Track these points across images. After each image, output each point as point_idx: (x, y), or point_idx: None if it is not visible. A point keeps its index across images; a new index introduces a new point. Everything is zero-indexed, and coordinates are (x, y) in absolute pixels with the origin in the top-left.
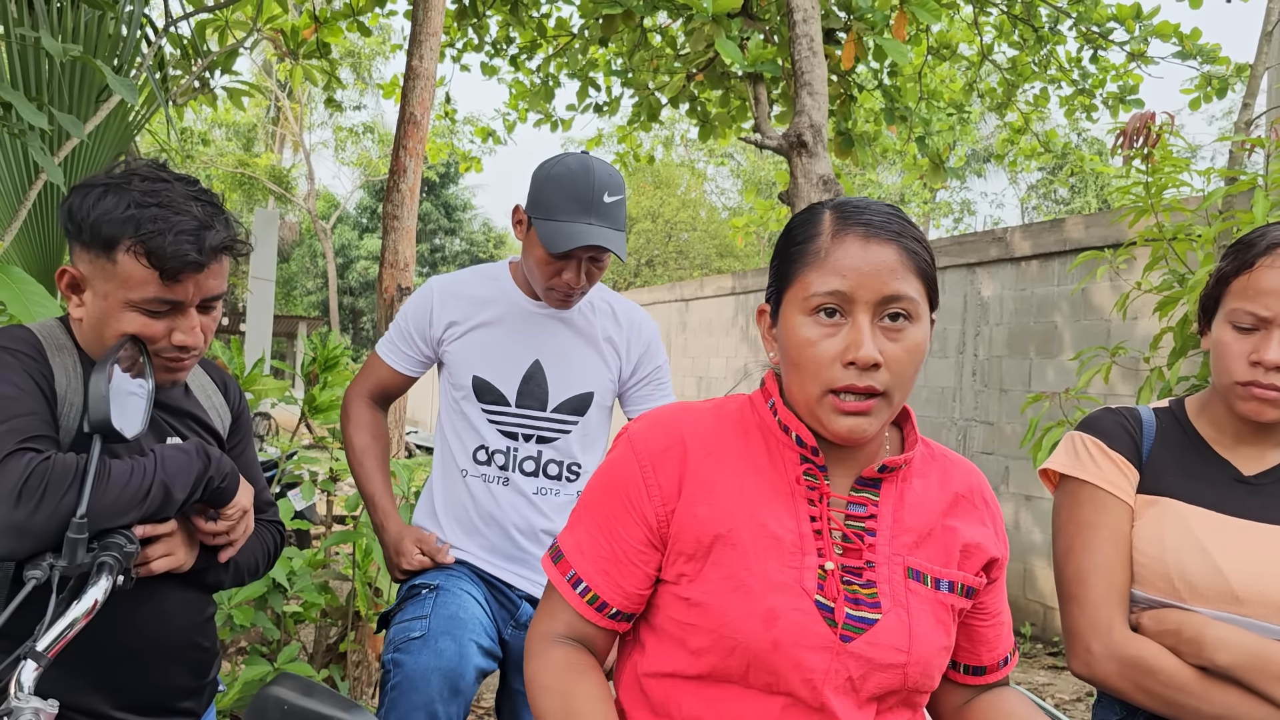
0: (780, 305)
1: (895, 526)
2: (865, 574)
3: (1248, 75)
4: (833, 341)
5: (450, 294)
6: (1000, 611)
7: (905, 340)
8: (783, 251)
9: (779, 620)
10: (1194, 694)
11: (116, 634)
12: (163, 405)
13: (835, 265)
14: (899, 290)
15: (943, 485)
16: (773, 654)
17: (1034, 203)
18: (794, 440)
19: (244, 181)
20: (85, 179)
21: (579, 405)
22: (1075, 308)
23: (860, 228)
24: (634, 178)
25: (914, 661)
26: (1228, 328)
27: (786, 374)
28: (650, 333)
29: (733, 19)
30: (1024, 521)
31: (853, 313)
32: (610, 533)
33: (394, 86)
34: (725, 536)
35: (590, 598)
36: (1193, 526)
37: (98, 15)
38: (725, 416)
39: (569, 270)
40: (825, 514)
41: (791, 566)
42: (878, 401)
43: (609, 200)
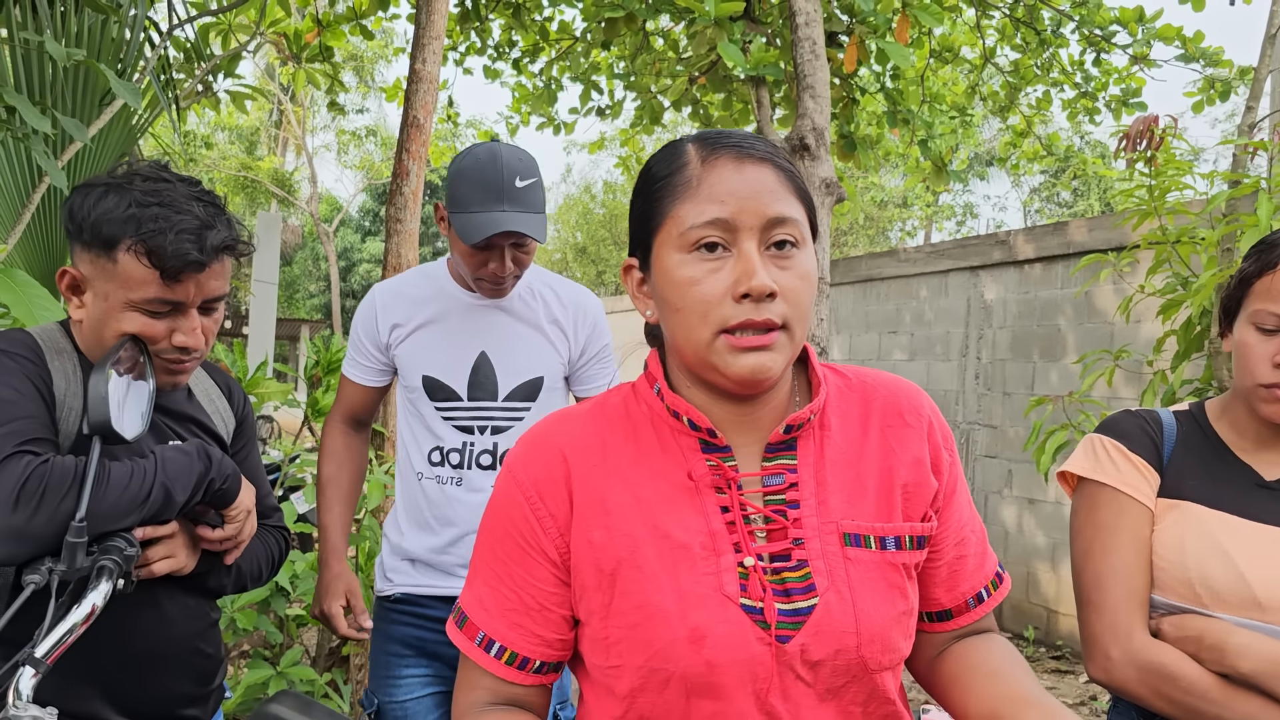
0: (651, 252)
1: (820, 489)
2: (795, 554)
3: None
4: (719, 277)
5: (391, 296)
6: (956, 542)
7: (797, 267)
8: (645, 192)
9: (707, 637)
10: (1215, 702)
11: (119, 640)
12: (165, 409)
13: (711, 192)
14: (783, 212)
15: (865, 417)
16: (711, 676)
17: (1036, 206)
18: (687, 425)
19: (247, 185)
20: (88, 179)
21: (530, 391)
22: (1079, 311)
23: (731, 150)
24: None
25: (866, 640)
26: (1250, 329)
27: (669, 326)
28: (595, 311)
29: (735, 22)
30: (1027, 525)
31: (737, 243)
32: (513, 580)
33: (397, 90)
34: (628, 559)
35: (508, 657)
36: (1214, 531)
37: (101, 19)
38: (608, 417)
39: (493, 260)
40: (736, 500)
41: (707, 573)
42: (778, 335)
43: (521, 185)
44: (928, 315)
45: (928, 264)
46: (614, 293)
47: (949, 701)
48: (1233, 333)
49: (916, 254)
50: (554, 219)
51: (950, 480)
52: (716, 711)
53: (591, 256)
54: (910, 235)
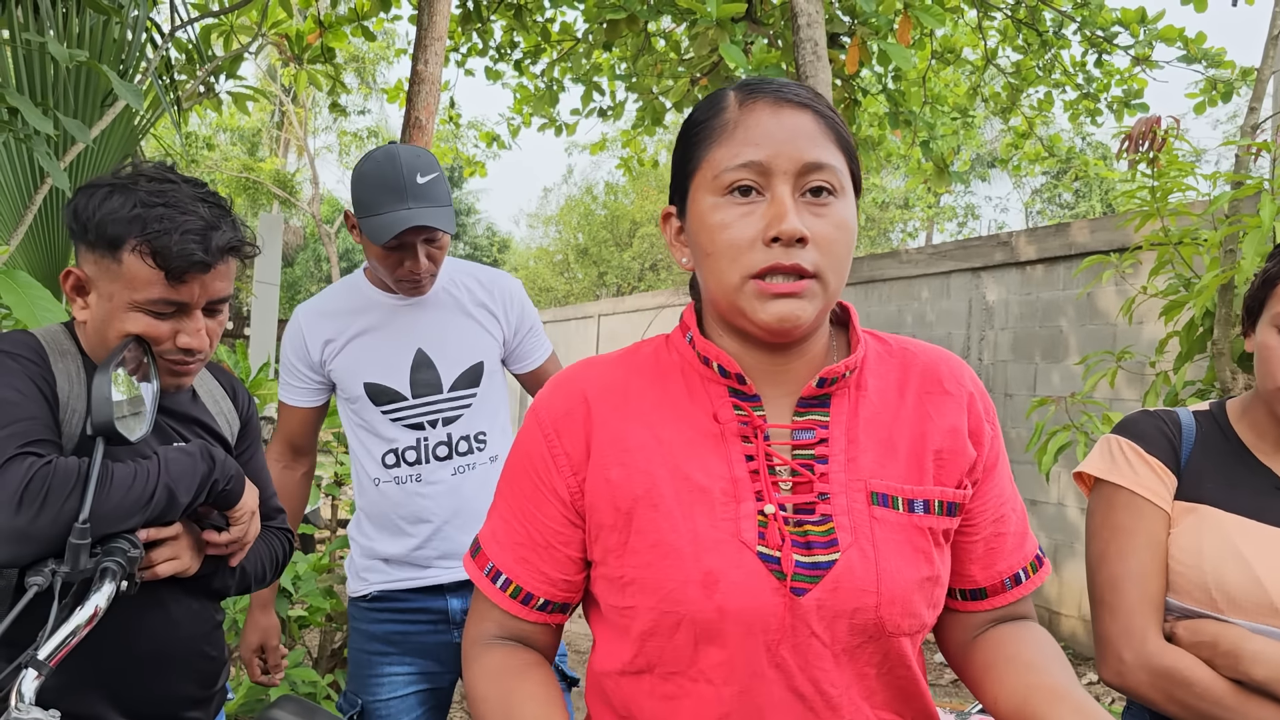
0: (687, 198)
1: (851, 447)
2: (819, 508)
3: (1253, 79)
4: (750, 220)
5: (316, 315)
6: (996, 519)
7: (832, 215)
8: (685, 138)
9: (720, 582)
10: (1228, 708)
11: (123, 642)
12: (169, 411)
13: (746, 135)
14: (820, 158)
15: (903, 385)
16: (720, 623)
17: (1038, 207)
18: (716, 371)
19: (248, 186)
20: (91, 180)
21: (473, 378)
22: (1081, 312)
23: (769, 95)
24: (638, 182)
25: (885, 601)
26: (1273, 332)
27: (702, 272)
28: (517, 289)
29: (737, 23)
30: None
31: (770, 187)
32: (524, 515)
33: (398, 91)
34: (645, 498)
35: (513, 590)
36: (1232, 535)
37: (103, 20)
38: (636, 363)
39: (408, 258)
40: (762, 449)
41: (725, 519)
42: (810, 284)
43: (423, 180)
44: (929, 316)
45: (929, 265)
46: (615, 293)
47: (980, 689)
48: (1255, 333)
49: (918, 255)
50: (555, 220)
51: (992, 453)
52: (724, 660)
53: (593, 257)
54: (912, 236)
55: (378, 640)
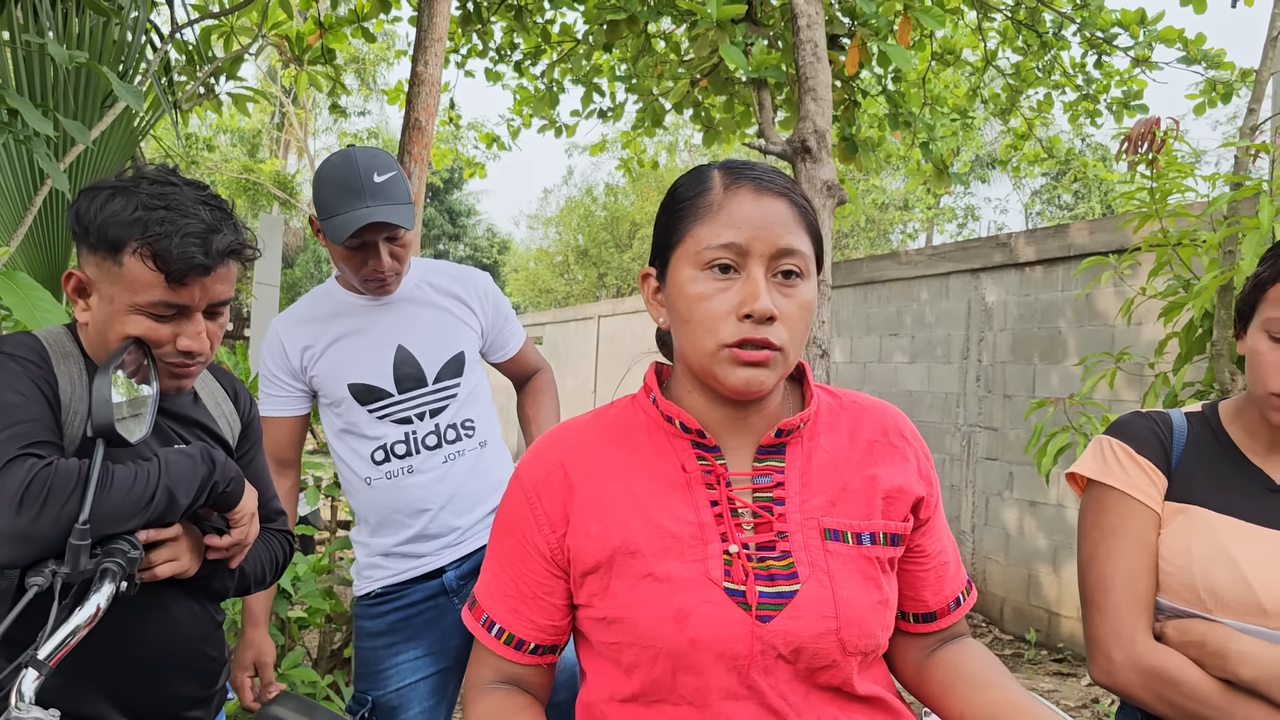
0: (668, 265)
1: (805, 490)
2: (779, 545)
3: (1253, 80)
4: (727, 296)
5: (293, 324)
6: (940, 550)
7: (798, 296)
8: (669, 209)
9: (690, 616)
10: (1216, 708)
11: (124, 643)
12: (170, 413)
13: (729, 218)
14: (792, 244)
15: (853, 435)
16: (693, 653)
17: (1038, 208)
18: (679, 428)
19: (248, 187)
20: (94, 182)
21: (455, 368)
22: (1080, 313)
23: (751, 182)
24: (638, 183)
25: (845, 624)
26: (1263, 337)
27: (678, 335)
28: (486, 281)
29: (737, 25)
30: (1028, 527)
31: (746, 266)
32: (513, 570)
33: (398, 92)
34: (622, 547)
35: (506, 637)
36: (1221, 536)
37: (103, 22)
38: (606, 425)
39: (371, 258)
40: (725, 495)
41: (695, 560)
42: (775, 355)
43: (380, 179)
44: (929, 318)
45: (929, 266)
46: (615, 294)
47: (943, 708)
48: (1246, 336)
49: (917, 256)
50: (555, 221)
51: (935, 494)
52: (700, 686)
53: (593, 259)
54: (911, 238)
55: (382, 634)
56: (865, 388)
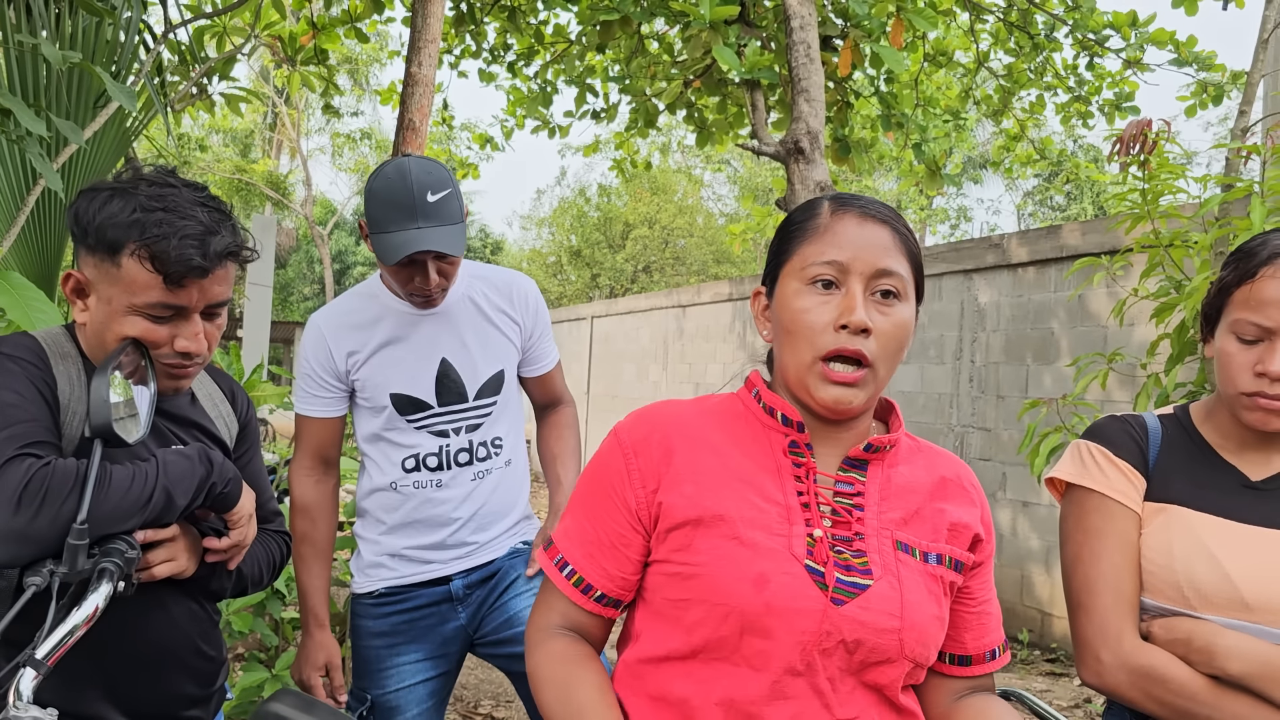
0: (777, 283)
1: (883, 504)
2: (855, 543)
3: (1243, 82)
4: (827, 308)
5: (339, 326)
6: (986, 600)
7: (894, 316)
8: (782, 233)
9: (770, 583)
10: (1205, 703)
11: (122, 642)
12: (168, 414)
13: (833, 238)
14: (891, 266)
15: (929, 471)
16: (765, 616)
17: (1030, 209)
18: (779, 419)
19: (241, 188)
20: (92, 183)
21: (495, 385)
22: (1072, 314)
23: (857, 208)
24: (631, 184)
25: (908, 626)
26: (1231, 338)
27: (780, 346)
28: (533, 292)
29: (730, 26)
30: (1021, 528)
31: (847, 283)
32: (595, 518)
33: (392, 93)
34: (713, 508)
35: (576, 580)
36: (1201, 533)
37: (95, 22)
38: (709, 409)
39: (418, 275)
40: (812, 489)
41: (780, 534)
42: (865, 374)
43: (433, 199)
44: (922, 318)
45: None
46: (608, 295)
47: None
48: (1214, 340)
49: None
50: (549, 221)
51: (990, 547)
52: (764, 650)
53: (586, 259)
54: None
55: (384, 634)
56: None
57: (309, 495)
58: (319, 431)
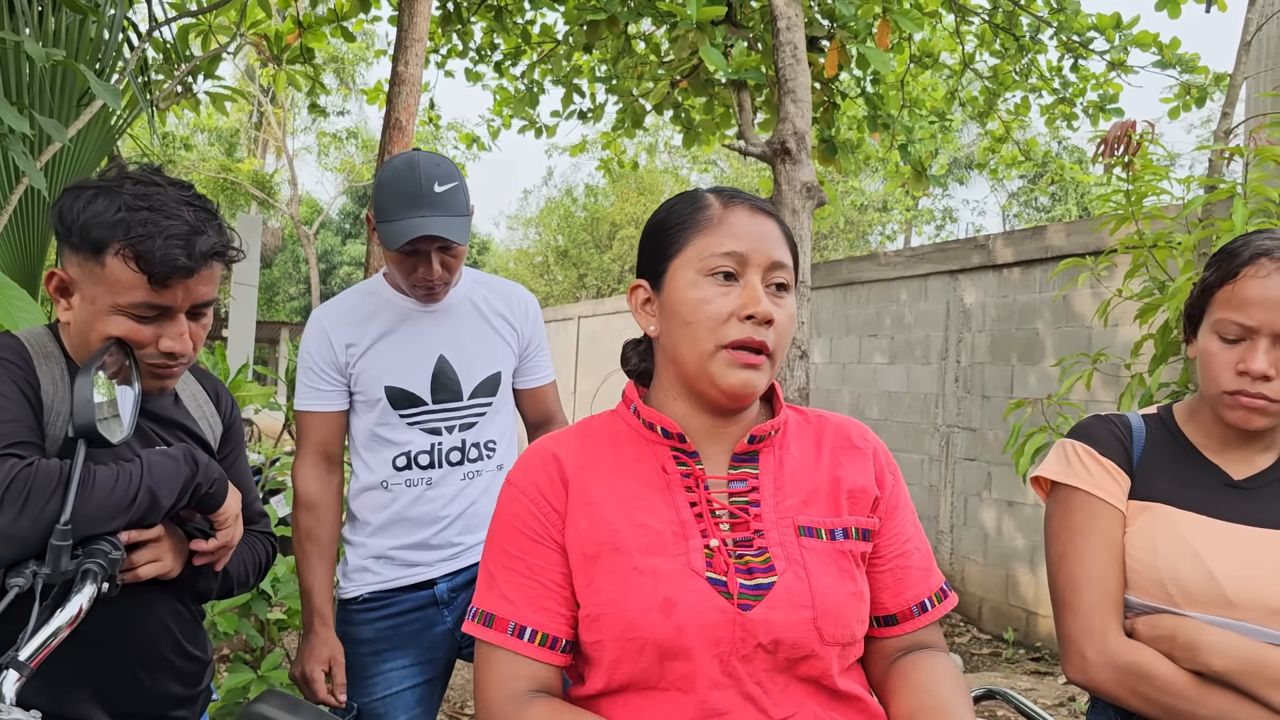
0: (664, 276)
1: (778, 493)
2: (756, 543)
3: (1226, 85)
4: (728, 299)
5: (339, 319)
6: (900, 554)
7: (787, 307)
8: (664, 224)
9: (676, 605)
10: (1190, 699)
11: (106, 643)
12: (152, 414)
13: (730, 230)
14: (783, 259)
15: (819, 443)
16: (679, 639)
17: (1015, 210)
18: (659, 433)
19: (226, 187)
20: (77, 181)
21: (491, 386)
22: (1057, 315)
23: (746, 202)
24: (618, 184)
25: (821, 614)
26: (1214, 338)
27: (675, 339)
28: (532, 303)
29: (717, 26)
30: (1006, 528)
31: (745, 275)
32: (531, 570)
33: (378, 92)
34: (608, 543)
35: (540, 639)
36: (1185, 532)
37: (79, 19)
38: (590, 433)
39: (421, 264)
40: (703, 497)
41: (678, 553)
42: (765, 360)
43: (440, 189)
44: (907, 319)
45: (907, 268)
46: (595, 295)
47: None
48: (1196, 340)
49: (896, 258)
50: (535, 222)
51: (894, 496)
52: (688, 672)
53: (573, 259)
54: (890, 239)
55: (369, 641)
56: (845, 388)
57: (313, 491)
58: (322, 426)
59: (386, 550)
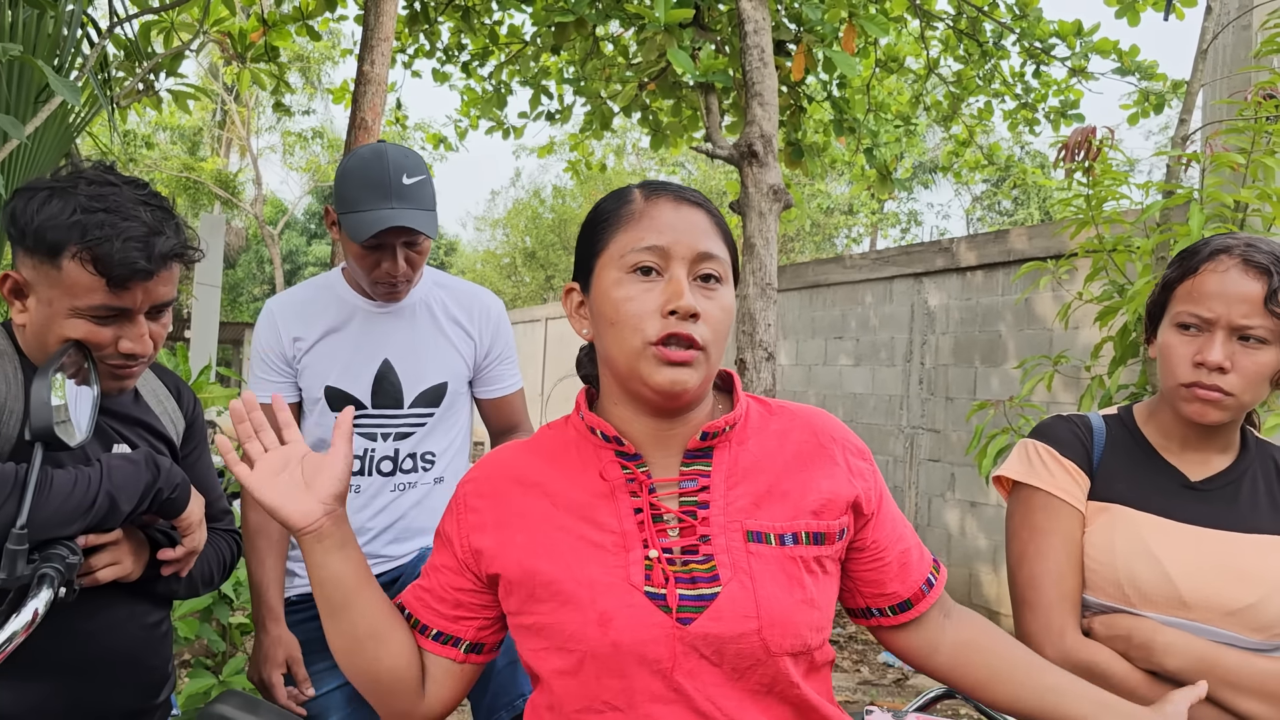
0: (592, 276)
1: (730, 492)
2: (702, 549)
3: (1183, 92)
4: (651, 296)
5: (289, 311)
6: (898, 542)
7: (719, 299)
8: (592, 224)
9: (613, 620)
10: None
11: (60, 648)
12: (111, 412)
13: (651, 223)
14: (711, 249)
15: (782, 439)
16: (616, 656)
17: (979, 214)
18: (600, 438)
19: (189, 186)
20: (30, 182)
21: (433, 397)
22: (1019, 317)
23: (670, 193)
24: (586, 185)
25: (767, 624)
26: (1173, 331)
27: (604, 341)
28: (497, 310)
29: (685, 29)
30: (969, 528)
31: (669, 268)
32: (432, 566)
33: (344, 91)
34: (546, 557)
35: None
36: (1142, 533)
37: (37, 14)
38: (540, 445)
39: (386, 259)
40: (647, 501)
41: (616, 566)
42: (698, 355)
43: (409, 182)
44: (873, 321)
45: (873, 270)
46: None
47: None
48: (1157, 338)
49: (862, 260)
50: (503, 223)
51: (878, 487)
52: (625, 688)
53: (540, 261)
54: (855, 242)
55: (302, 643)
56: (810, 390)
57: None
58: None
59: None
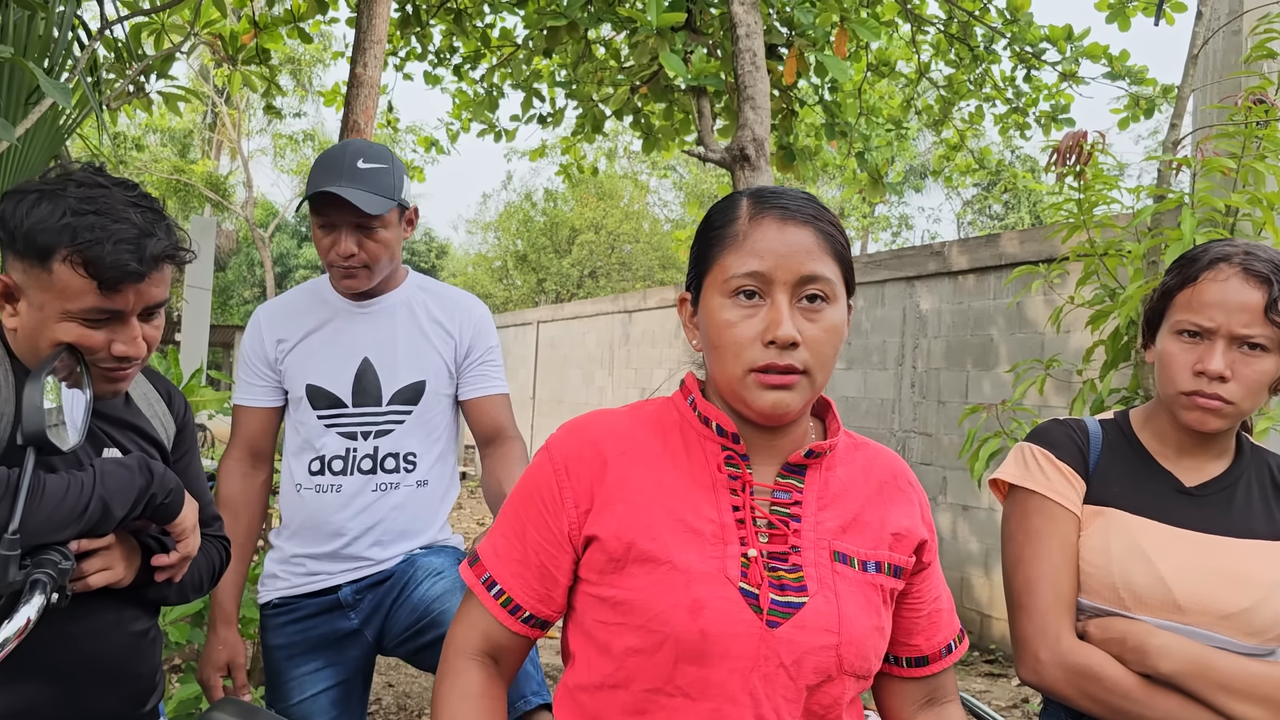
0: (700, 291)
1: (820, 513)
2: (791, 559)
3: (1174, 96)
4: (752, 322)
5: (274, 315)
6: (935, 598)
7: (823, 321)
8: (702, 238)
9: (705, 609)
10: (1138, 701)
11: (48, 654)
12: (103, 415)
13: (753, 247)
14: (815, 271)
15: (867, 473)
16: (701, 643)
17: (970, 218)
18: (714, 430)
19: (180, 189)
20: (19, 184)
21: (413, 395)
22: (1011, 321)
23: (776, 211)
24: (577, 189)
25: (845, 641)
26: (1172, 339)
27: (709, 358)
28: (480, 313)
29: (677, 33)
30: (961, 531)
31: (771, 294)
32: (524, 536)
33: (335, 94)
34: (645, 532)
35: (505, 600)
36: (1137, 537)
37: (28, 15)
38: (642, 418)
39: (337, 242)
40: (748, 502)
41: (714, 556)
42: (800, 379)
43: (363, 166)
44: (864, 325)
45: (865, 274)
46: (554, 300)
47: None
48: (1155, 344)
49: (853, 264)
50: (494, 226)
51: (934, 542)
52: (701, 679)
53: (532, 264)
54: None
55: (282, 646)
56: None
57: (234, 488)
58: (250, 421)
59: (292, 555)
